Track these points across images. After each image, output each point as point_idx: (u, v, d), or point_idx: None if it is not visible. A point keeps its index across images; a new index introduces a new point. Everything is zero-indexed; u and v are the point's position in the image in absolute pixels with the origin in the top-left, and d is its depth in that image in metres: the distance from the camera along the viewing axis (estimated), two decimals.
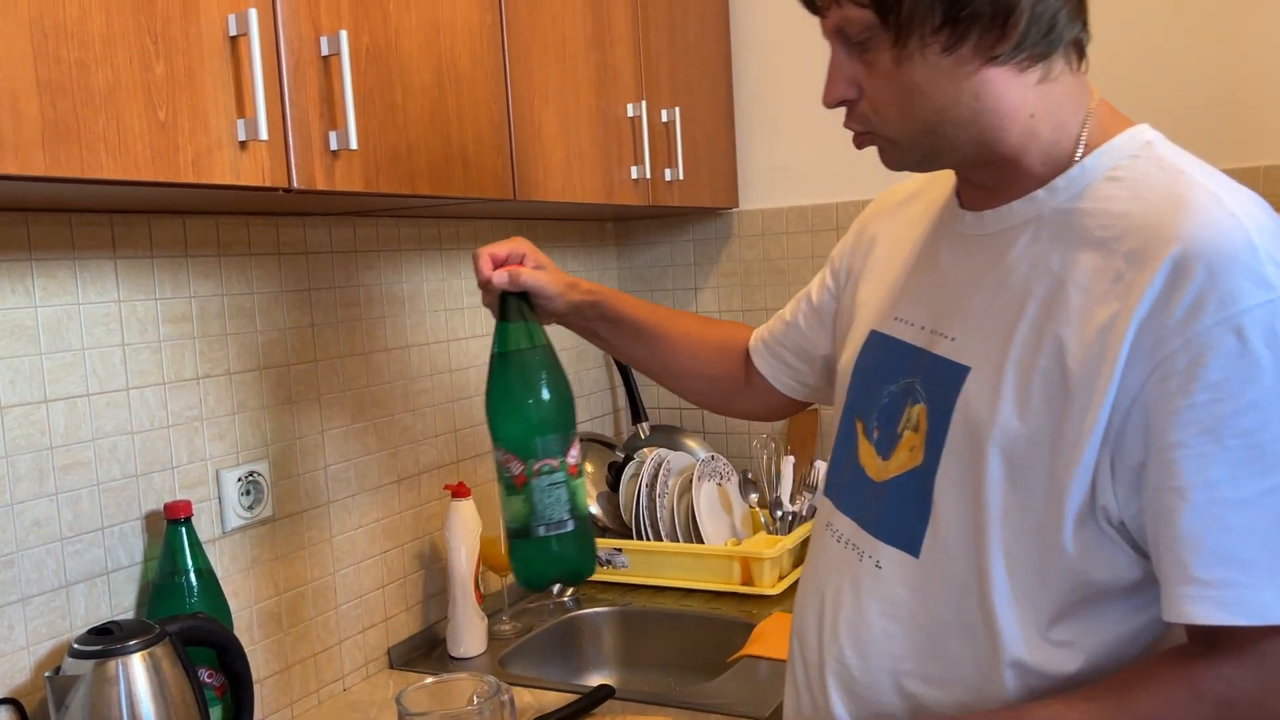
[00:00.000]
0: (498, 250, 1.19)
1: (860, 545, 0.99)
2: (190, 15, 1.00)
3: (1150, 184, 0.86)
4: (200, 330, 1.40)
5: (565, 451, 1.12)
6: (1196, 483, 0.78)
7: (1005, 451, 0.86)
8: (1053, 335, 0.85)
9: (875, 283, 1.10)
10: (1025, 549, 0.87)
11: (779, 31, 2.25)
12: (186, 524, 1.30)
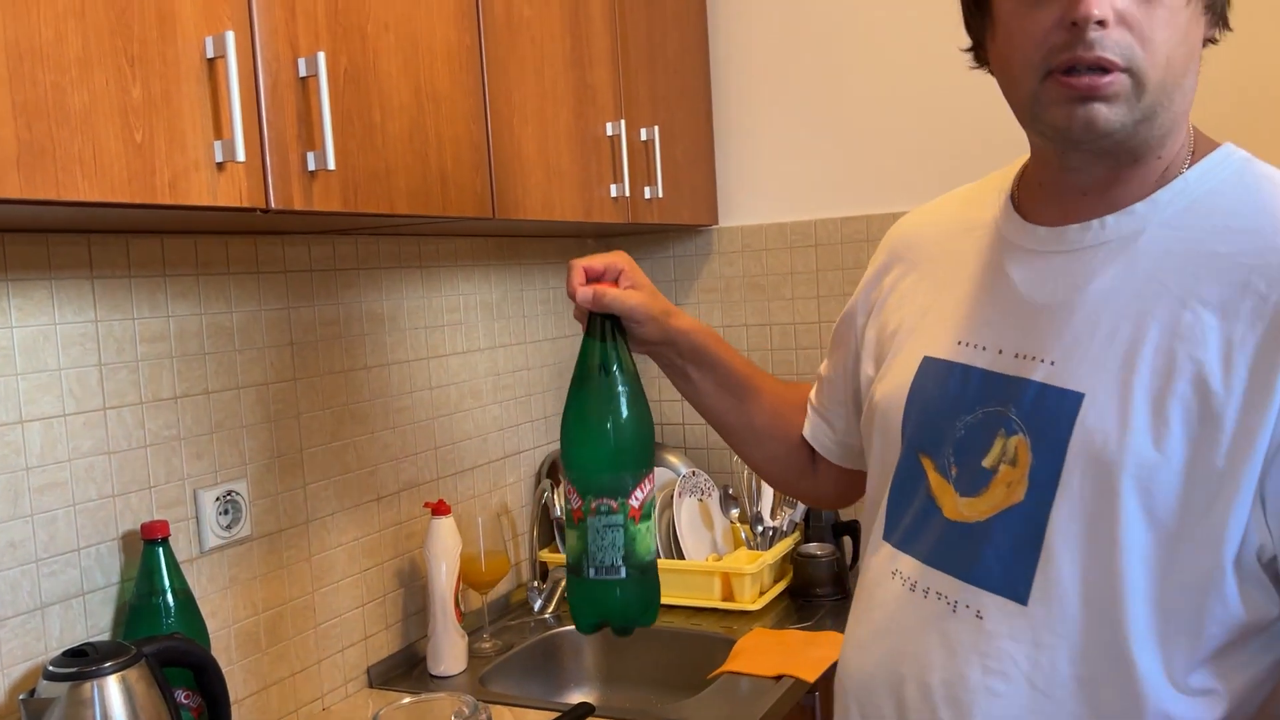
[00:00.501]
0: (594, 264, 1.08)
1: (949, 594, 0.88)
2: (168, 38, 1.00)
3: (1268, 202, 0.83)
4: (178, 349, 1.40)
5: (629, 493, 1.03)
6: None
7: (1142, 484, 0.79)
8: (1188, 357, 0.79)
9: (914, 307, 1.01)
10: (1175, 591, 0.79)
11: (758, 50, 2.27)
12: (164, 544, 1.30)
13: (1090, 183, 0.87)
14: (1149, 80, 0.79)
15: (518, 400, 2.10)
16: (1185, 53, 0.81)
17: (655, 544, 1.06)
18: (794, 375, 2.27)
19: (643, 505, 1.03)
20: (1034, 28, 0.81)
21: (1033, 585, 0.83)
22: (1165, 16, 0.79)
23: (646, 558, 1.04)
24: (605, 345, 1.06)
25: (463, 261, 1.96)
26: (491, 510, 1.99)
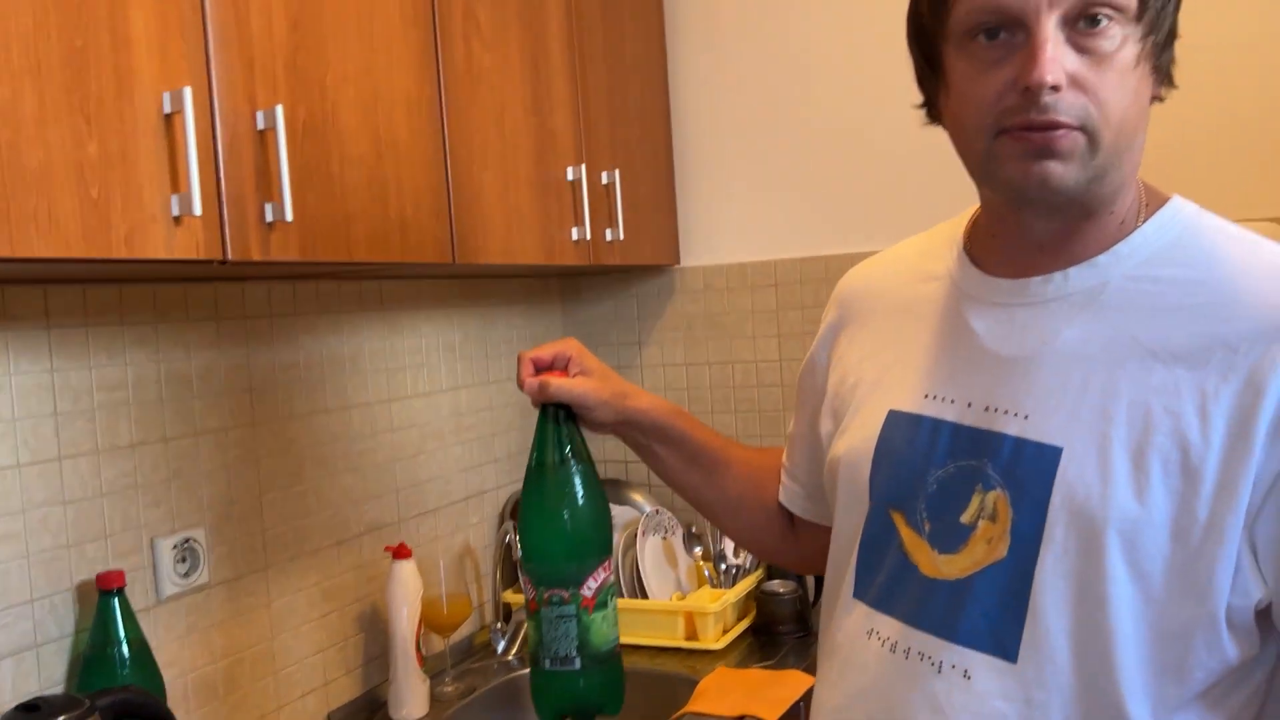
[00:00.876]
0: (541, 354, 1.09)
1: (934, 654, 0.86)
2: (124, 95, 1.01)
3: (1226, 254, 0.84)
4: (136, 397, 1.40)
5: (581, 583, 1.02)
6: None
7: (1126, 538, 0.79)
8: (1164, 411, 0.80)
9: (875, 361, 1.00)
10: (1163, 641, 0.80)
11: (718, 95, 2.31)
12: (119, 594, 1.29)
13: (1046, 237, 0.88)
14: (1102, 140, 0.80)
15: (481, 440, 2.10)
16: (1136, 112, 0.82)
17: (614, 632, 1.05)
18: (757, 412, 2.29)
19: (597, 594, 1.02)
20: (987, 90, 0.82)
21: (1021, 642, 0.82)
22: (1116, 78, 0.80)
23: (603, 647, 1.03)
24: (555, 435, 1.06)
25: (425, 303, 1.97)
26: (454, 551, 1.99)
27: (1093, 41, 0.79)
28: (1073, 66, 0.79)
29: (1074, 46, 0.79)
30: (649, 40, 2.24)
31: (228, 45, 1.14)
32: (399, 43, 1.40)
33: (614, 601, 1.05)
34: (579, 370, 1.09)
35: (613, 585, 1.05)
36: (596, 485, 1.05)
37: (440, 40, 1.49)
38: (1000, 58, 0.81)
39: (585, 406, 1.07)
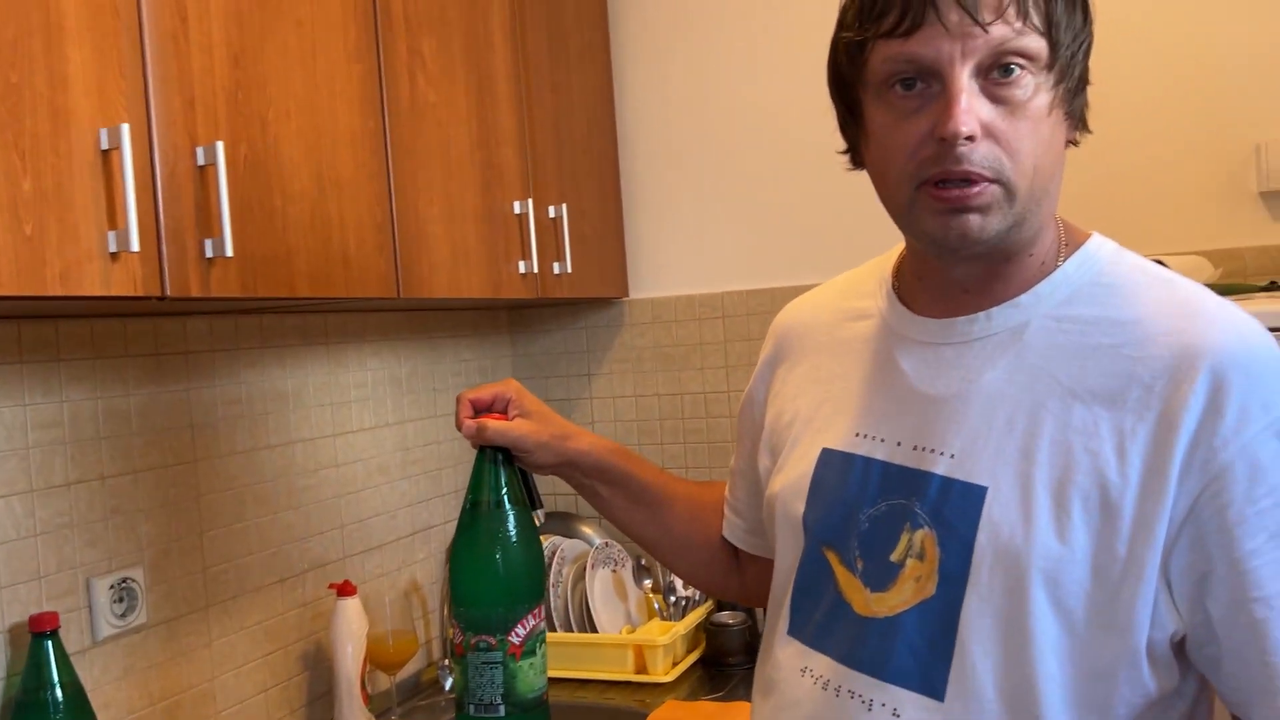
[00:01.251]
0: (481, 396, 1.08)
1: (862, 692, 0.87)
2: (60, 131, 1.01)
3: (1144, 293, 0.85)
4: (72, 435, 1.38)
5: (509, 630, 1.00)
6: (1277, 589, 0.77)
7: (1049, 576, 0.80)
8: (1084, 450, 0.81)
9: (808, 398, 1.00)
10: (1087, 678, 0.81)
11: (665, 130, 2.34)
12: (53, 636, 1.26)
13: (969, 279, 0.89)
14: (1018, 189, 0.81)
15: (428, 474, 2.09)
16: (1051, 159, 0.83)
17: (541, 680, 1.03)
18: (705, 444, 2.30)
19: (525, 641, 1.01)
20: (905, 140, 0.82)
21: (948, 681, 0.83)
22: (1029, 127, 0.80)
23: (529, 695, 1.02)
24: (492, 478, 1.05)
25: (370, 336, 1.96)
26: (400, 588, 1.97)
27: (1006, 91, 0.80)
28: (987, 116, 0.80)
29: (988, 96, 0.80)
30: (596, 75, 2.26)
31: (168, 82, 1.13)
32: (342, 78, 1.41)
33: (543, 649, 1.03)
34: (518, 412, 1.08)
35: (542, 632, 1.03)
36: (530, 530, 1.04)
37: (385, 75, 1.50)
38: (917, 108, 0.82)
39: (523, 449, 1.06)
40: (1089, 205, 2.02)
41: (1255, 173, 1.92)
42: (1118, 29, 2.00)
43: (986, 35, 0.78)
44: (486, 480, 1.05)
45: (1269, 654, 0.77)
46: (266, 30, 1.28)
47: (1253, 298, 1.63)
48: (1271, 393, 0.78)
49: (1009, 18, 0.78)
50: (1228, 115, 1.94)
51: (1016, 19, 0.78)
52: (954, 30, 0.78)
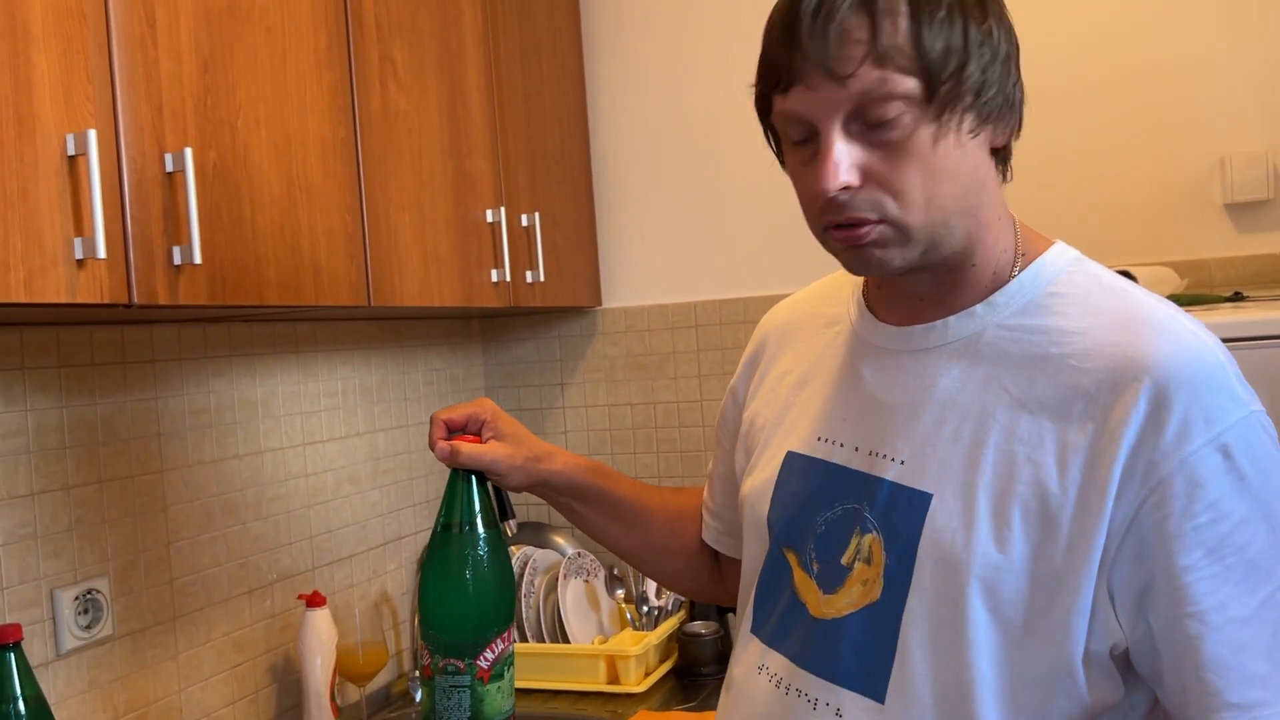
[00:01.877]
0: (454, 416, 1.07)
1: (809, 691, 0.89)
2: (25, 137, 0.99)
3: (1098, 303, 0.85)
4: (36, 444, 1.36)
5: (478, 654, 0.99)
6: (1213, 605, 0.77)
7: (987, 584, 0.81)
8: (1027, 460, 0.81)
9: (780, 402, 1.02)
10: (1023, 685, 0.81)
11: (638, 138, 2.34)
12: (15, 648, 1.24)
13: (922, 290, 0.90)
14: (910, 225, 0.82)
15: (399, 484, 2.08)
16: (952, 185, 0.82)
17: (508, 703, 1.03)
18: (679, 453, 2.30)
19: (493, 665, 1.00)
20: (806, 189, 0.85)
21: (889, 684, 0.84)
22: (914, 164, 0.80)
23: (495, 718, 1.01)
24: (465, 499, 1.03)
25: (341, 344, 1.95)
26: (370, 599, 1.96)
27: (883, 135, 0.80)
28: (865, 161, 0.81)
29: (866, 141, 0.81)
30: (568, 84, 2.26)
31: (135, 87, 1.12)
32: (313, 85, 1.40)
33: (510, 672, 1.03)
34: (492, 434, 1.07)
35: (511, 655, 1.03)
36: (501, 553, 1.03)
37: (356, 83, 1.49)
38: (809, 158, 0.84)
39: (496, 473, 1.05)
40: (1056, 216, 2.04)
41: (1220, 185, 1.95)
42: (1083, 42, 2.03)
43: (846, 88, 0.79)
44: (459, 502, 1.03)
45: (1202, 669, 0.77)
46: (236, 36, 1.27)
47: (1218, 309, 1.65)
48: (1214, 407, 0.78)
49: (869, 67, 0.78)
50: (1192, 128, 1.97)
51: (876, 67, 0.78)
52: (819, 87, 0.80)
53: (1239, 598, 0.77)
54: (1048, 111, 2.05)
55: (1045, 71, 2.05)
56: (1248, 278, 1.93)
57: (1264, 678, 0.77)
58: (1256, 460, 0.78)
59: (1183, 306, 1.72)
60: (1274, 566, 0.78)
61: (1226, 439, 0.77)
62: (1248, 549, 0.77)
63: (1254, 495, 0.78)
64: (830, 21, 0.79)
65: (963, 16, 0.80)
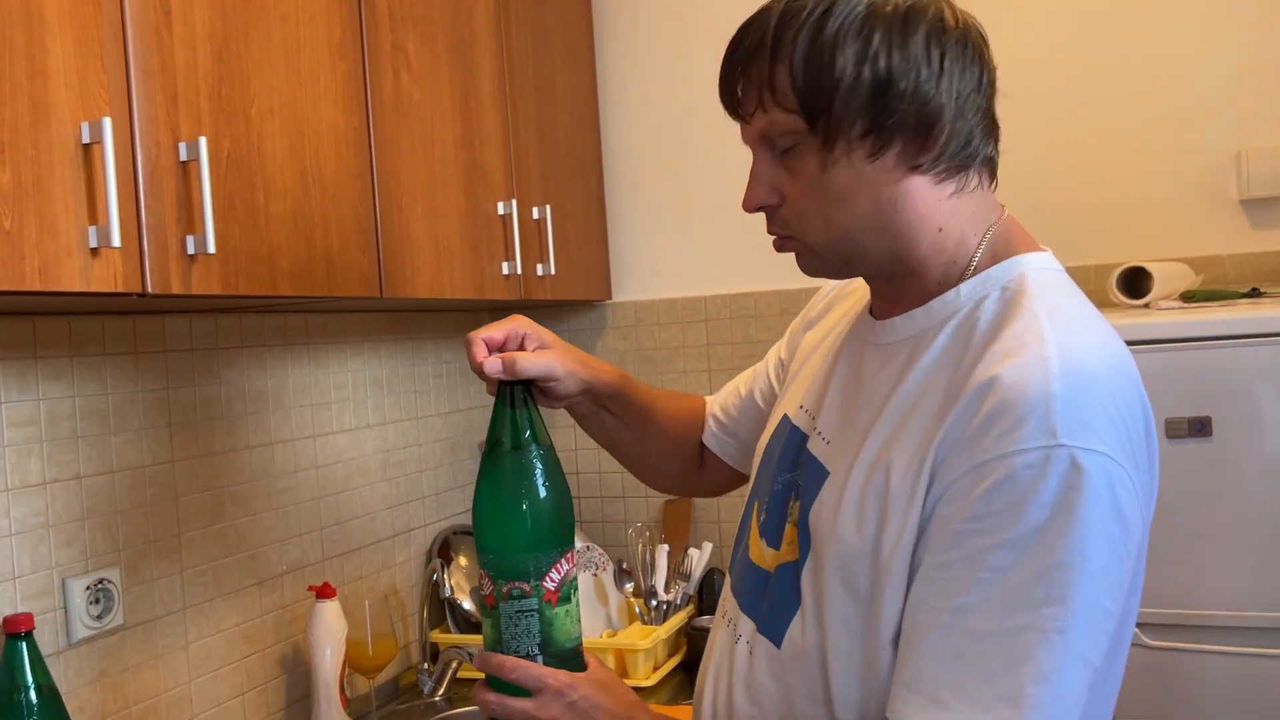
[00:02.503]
0: (493, 334, 1.05)
1: (740, 629, 1.00)
2: (40, 124, 0.99)
3: (1001, 320, 0.88)
4: (49, 434, 1.36)
5: (543, 575, 0.96)
6: (948, 606, 0.81)
7: (842, 561, 0.89)
8: (887, 456, 0.88)
9: (795, 371, 1.13)
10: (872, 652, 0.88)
11: (649, 131, 2.34)
12: (27, 638, 1.24)
13: (880, 290, 0.99)
14: (814, 243, 0.93)
15: (408, 477, 2.07)
16: (851, 207, 0.89)
17: (577, 629, 0.99)
18: None
19: (560, 587, 0.96)
20: None
21: (786, 633, 0.95)
22: (811, 189, 0.90)
23: (567, 644, 0.97)
24: (515, 416, 1.00)
25: (352, 337, 1.94)
26: (380, 591, 1.96)
27: (788, 161, 0.91)
28: (781, 183, 0.92)
29: (782, 167, 0.92)
30: (580, 76, 2.26)
31: (150, 76, 1.12)
32: (326, 75, 1.40)
33: (576, 596, 0.99)
34: (537, 344, 1.08)
35: (575, 579, 0.99)
36: (559, 470, 0.99)
37: (369, 73, 1.49)
38: None
39: (554, 378, 1.06)
40: (1073, 212, 2.03)
41: (1236, 180, 1.94)
42: (1099, 38, 2.01)
43: (752, 126, 0.92)
44: (508, 419, 1.00)
45: (919, 654, 0.82)
46: (250, 25, 1.27)
47: (1234, 304, 1.64)
48: (1021, 430, 0.79)
49: (763, 107, 0.90)
50: (1209, 124, 1.95)
51: (765, 109, 0.90)
52: (739, 123, 0.94)
53: (981, 610, 0.79)
54: (1064, 108, 2.04)
55: (1062, 69, 2.04)
56: (1263, 274, 1.92)
57: (964, 690, 0.79)
58: (1044, 491, 0.78)
59: (1199, 302, 1.72)
60: (1038, 604, 0.78)
61: (1013, 460, 0.79)
62: (1008, 572, 0.79)
63: (1031, 524, 0.78)
64: (734, 68, 0.92)
65: (837, 50, 0.86)
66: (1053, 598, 0.78)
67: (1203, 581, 1.53)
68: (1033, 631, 0.78)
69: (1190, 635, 1.53)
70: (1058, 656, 0.78)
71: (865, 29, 0.86)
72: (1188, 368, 1.53)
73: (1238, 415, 1.51)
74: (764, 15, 0.90)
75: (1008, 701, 0.78)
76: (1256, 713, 1.50)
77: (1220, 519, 1.52)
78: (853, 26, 0.86)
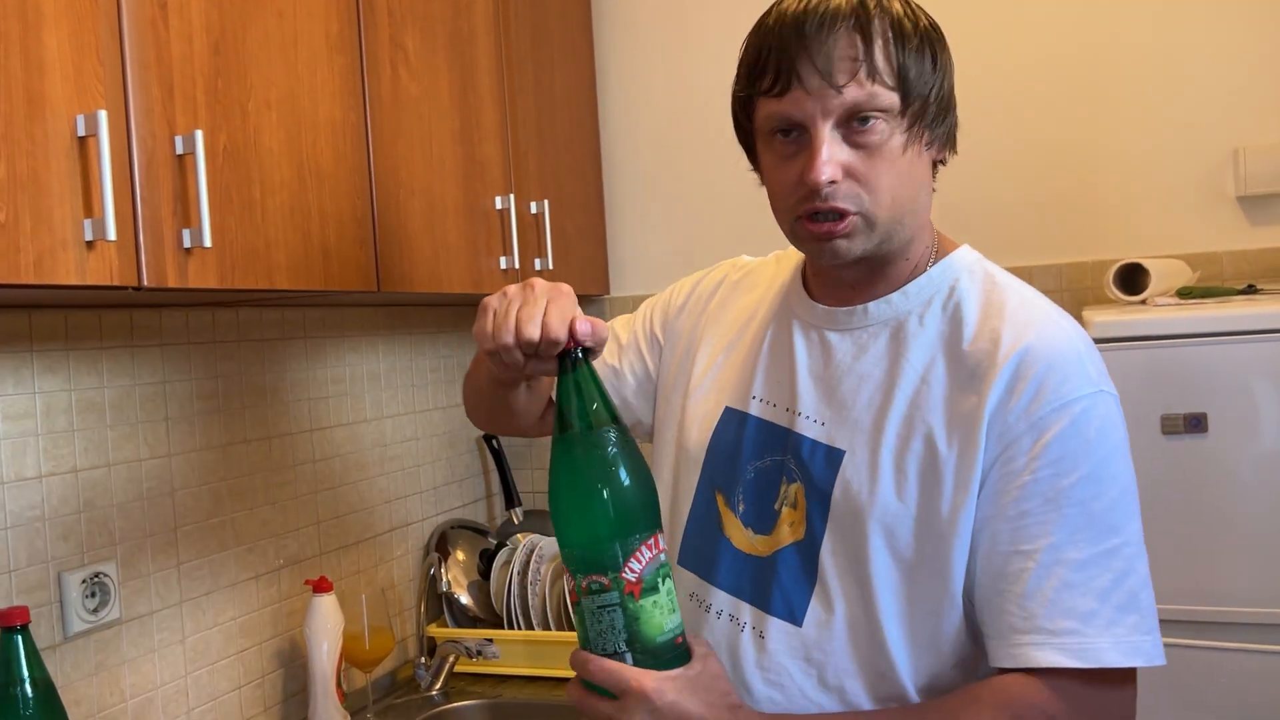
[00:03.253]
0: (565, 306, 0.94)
1: (735, 614, 1.03)
2: (35, 117, 0.99)
3: (990, 299, 0.99)
4: (45, 427, 1.36)
5: (620, 566, 0.88)
6: (1042, 546, 0.90)
7: (887, 527, 0.95)
8: (923, 423, 0.95)
9: (720, 363, 1.13)
10: (920, 615, 0.95)
11: (647, 126, 2.33)
12: (22, 631, 1.24)
13: (853, 279, 1.04)
14: (878, 218, 0.96)
15: (406, 472, 2.08)
16: (910, 187, 0.97)
17: (672, 620, 0.91)
18: None
19: (643, 576, 0.89)
20: (785, 179, 0.97)
21: (807, 609, 0.99)
22: (886, 166, 0.94)
23: (658, 638, 0.90)
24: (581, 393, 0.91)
25: (349, 332, 1.94)
26: (377, 585, 1.96)
27: (864, 138, 0.94)
28: (847, 159, 0.94)
29: (849, 142, 0.94)
30: (578, 71, 2.25)
31: (146, 68, 1.12)
32: (324, 68, 1.39)
33: (668, 584, 0.91)
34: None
35: (664, 564, 0.91)
36: (629, 448, 0.91)
37: (366, 67, 1.49)
38: (793, 153, 0.96)
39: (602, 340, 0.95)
40: (1069, 208, 2.03)
41: (1233, 177, 1.94)
42: (1097, 33, 2.01)
43: (841, 96, 0.92)
44: (575, 395, 0.91)
45: (1025, 599, 0.90)
46: (247, 18, 1.26)
47: (1230, 301, 1.64)
48: (1064, 381, 0.92)
49: (861, 79, 0.92)
50: (1206, 120, 1.95)
51: (868, 80, 0.92)
52: (815, 93, 0.92)
53: (1074, 542, 0.90)
54: (1060, 103, 2.04)
55: (1060, 63, 2.04)
56: (1260, 270, 1.92)
57: (1085, 614, 0.89)
58: (1101, 429, 0.92)
59: (1195, 298, 1.72)
60: (1121, 524, 0.92)
61: (1073, 408, 0.91)
62: (1090, 503, 0.90)
63: (1098, 458, 0.91)
64: (832, 36, 0.92)
65: (931, 47, 0.95)
66: (1129, 513, 0.92)
67: (1198, 577, 1.53)
68: (1127, 546, 0.91)
69: (1186, 631, 1.53)
70: (1144, 561, 0.92)
71: (937, 34, 0.97)
72: (1184, 364, 1.53)
73: (1233, 412, 1.51)
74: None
75: (1127, 609, 0.89)
76: (1251, 708, 1.51)
77: (1216, 515, 1.52)
78: (929, 29, 0.96)
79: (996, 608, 0.92)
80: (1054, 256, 2.01)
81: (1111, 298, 1.76)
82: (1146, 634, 0.90)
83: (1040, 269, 1.99)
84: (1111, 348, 1.56)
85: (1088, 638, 0.88)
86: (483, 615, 2.08)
